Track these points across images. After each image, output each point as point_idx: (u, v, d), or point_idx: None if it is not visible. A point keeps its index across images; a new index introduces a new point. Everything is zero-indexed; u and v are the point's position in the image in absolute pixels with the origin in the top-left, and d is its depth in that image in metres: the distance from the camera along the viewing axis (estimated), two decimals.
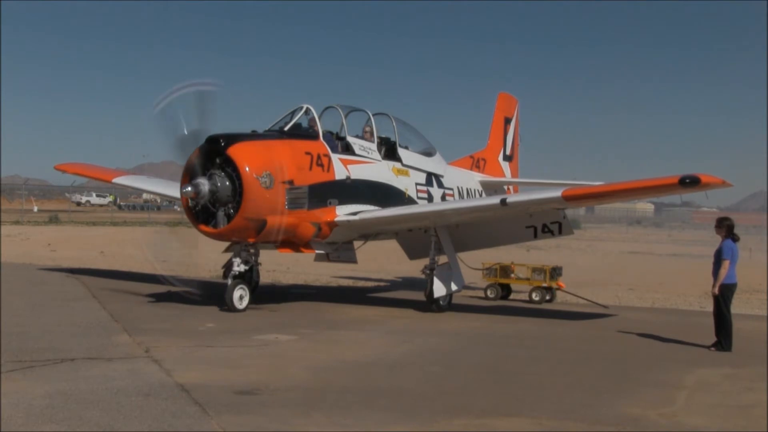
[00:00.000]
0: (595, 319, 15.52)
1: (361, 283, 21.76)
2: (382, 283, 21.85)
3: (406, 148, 17.54)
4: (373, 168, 16.39)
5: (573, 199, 14.59)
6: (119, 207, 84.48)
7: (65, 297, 15.81)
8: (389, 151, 17.04)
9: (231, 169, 13.89)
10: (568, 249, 39.62)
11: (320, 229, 15.15)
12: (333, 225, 15.31)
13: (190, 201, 14.14)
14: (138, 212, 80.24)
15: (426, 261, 16.26)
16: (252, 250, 15.12)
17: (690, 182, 13.17)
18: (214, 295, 15.30)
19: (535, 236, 16.44)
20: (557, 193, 14.61)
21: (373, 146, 16.58)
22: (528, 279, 18.24)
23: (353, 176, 15.81)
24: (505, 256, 21.18)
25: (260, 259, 15.92)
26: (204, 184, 13.83)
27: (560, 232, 16.23)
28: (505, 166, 22.84)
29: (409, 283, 21.21)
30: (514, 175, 23.14)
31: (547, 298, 18.06)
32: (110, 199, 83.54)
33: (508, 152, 23.01)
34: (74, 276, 19.93)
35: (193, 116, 14.11)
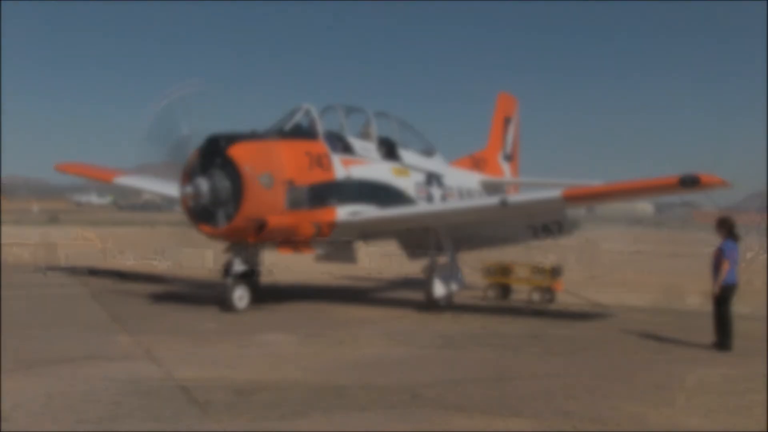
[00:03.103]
0: (595, 319, 15.51)
1: (361, 283, 21.75)
2: (382, 283, 21.85)
3: (406, 148, 17.54)
4: (373, 168, 16.39)
5: (573, 199, 14.61)
6: (119, 207, 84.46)
7: (65, 297, 15.80)
8: (389, 151, 17.04)
9: (231, 169, 13.89)
10: (569, 249, 39.55)
11: (320, 229, 15.16)
12: (333, 225, 15.31)
13: (190, 201, 14.15)
14: (138, 212, 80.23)
15: (426, 261, 16.26)
16: (252, 250, 15.12)
17: (690, 182, 13.17)
18: (213, 295, 15.29)
19: (535, 236, 16.45)
20: (557, 193, 14.63)
21: (373, 146, 16.59)
22: (528, 279, 18.24)
23: (353, 176, 15.81)
24: (505, 256, 21.17)
25: (260, 259, 15.91)
26: (204, 183, 13.84)
27: (560, 232, 16.23)
28: (505, 165, 22.86)
29: (409, 283, 21.20)
30: (514, 175, 23.17)
31: (547, 298, 18.05)
32: (110, 199, 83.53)
33: (508, 152, 23.03)
34: (74, 276, 19.93)
35: (189, 118, 14.16)
